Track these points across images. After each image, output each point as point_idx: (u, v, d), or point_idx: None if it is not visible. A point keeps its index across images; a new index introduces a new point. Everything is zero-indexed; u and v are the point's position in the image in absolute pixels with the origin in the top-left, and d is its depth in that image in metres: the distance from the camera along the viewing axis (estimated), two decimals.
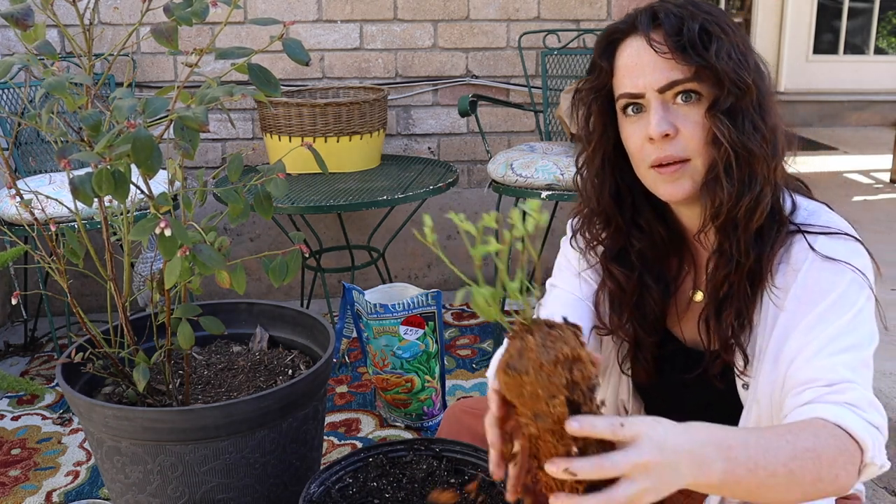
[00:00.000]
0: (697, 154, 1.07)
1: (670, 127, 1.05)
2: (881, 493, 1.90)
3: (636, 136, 1.10)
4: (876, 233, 3.37)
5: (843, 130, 6.34)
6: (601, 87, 1.14)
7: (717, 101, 1.04)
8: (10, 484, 2.00)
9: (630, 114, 1.10)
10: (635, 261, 1.19)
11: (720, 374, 1.16)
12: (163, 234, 1.21)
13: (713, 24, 1.05)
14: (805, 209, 1.12)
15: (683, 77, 1.04)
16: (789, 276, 1.07)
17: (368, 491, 1.25)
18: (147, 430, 1.42)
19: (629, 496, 0.77)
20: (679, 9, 1.07)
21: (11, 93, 2.78)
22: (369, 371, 2.30)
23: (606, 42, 1.12)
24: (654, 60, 1.05)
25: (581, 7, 3.16)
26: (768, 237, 1.08)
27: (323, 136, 2.68)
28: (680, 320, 1.23)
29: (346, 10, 3.05)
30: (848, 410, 0.95)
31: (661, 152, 1.07)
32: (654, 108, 1.06)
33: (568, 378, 0.77)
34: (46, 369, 2.65)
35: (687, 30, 1.04)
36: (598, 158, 1.18)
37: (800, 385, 1.01)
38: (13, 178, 1.49)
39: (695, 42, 1.03)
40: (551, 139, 3.11)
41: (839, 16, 6.97)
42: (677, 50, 1.04)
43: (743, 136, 1.04)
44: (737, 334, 1.11)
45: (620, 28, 1.11)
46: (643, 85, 1.07)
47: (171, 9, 1.27)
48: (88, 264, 1.53)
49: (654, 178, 1.10)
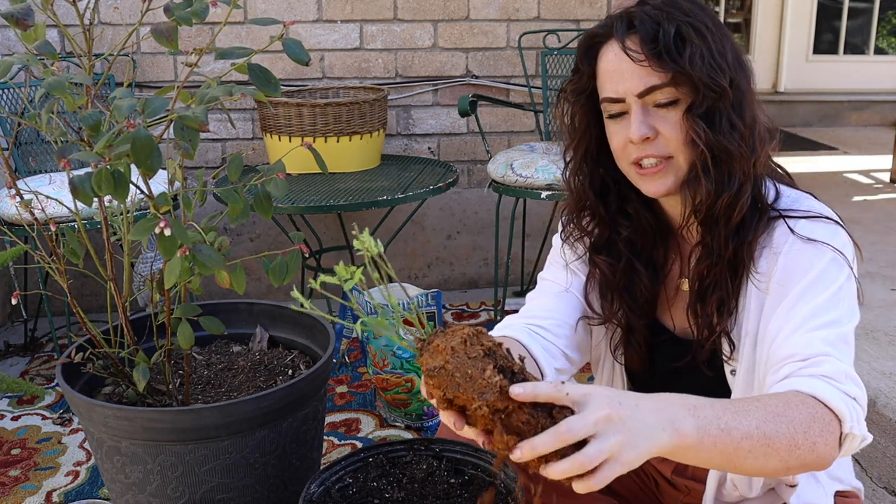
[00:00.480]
0: (678, 152, 1.09)
1: (650, 130, 1.09)
2: (881, 493, 1.90)
3: (618, 137, 1.13)
4: (876, 233, 3.37)
5: (843, 130, 6.34)
6: (584, 89, 1.17)
7: (694, 104, 1.07)
8: (10, 484, 2.00)
9: (613, 116, 1.13)
10: (623, 248, 1.22)
11: (708, 361, 1.18)
12: (162, 233, 1.21)
13: (689, 26, 1.06)
14: (787, 197, 1.14)
15: (661, 82, 1.07)
16: (771, 260, 1.10)
17: (368, 491, 1.25)
18: (147, 430, 1.42)
19: (602, 450, 0.77)
20: (656, 12, 1.08)
21: (11, 93, 2.78)
22: (369, 371, 2.30)
23: (587, 46, 1.15)
24: (631, 67, 1.07)
25: (581, 7, 3.16)
26: (749, 227, 1.11)
27: (323, 136, 2.68)
28: (669, 308, 1.25)
29: (346, 10, 3.05)
30: (823, 381, 0.96)
31: (642, 152, 1.10)
32: (634, 112, 1.09)
33: (482, 347, 0.80)
34: (46, 369, 2.65)
35: (662, 35, 1.06)
36: (582, 154, 1.21)
37: (778, 362, 1.03)
38: (13, 178, 1.49)
39: (669, 48, 1.05)
40: (551, 139, 3.11)
41: (839, 16, 6.97)
42: (653, 57, 1.06)
43: (720, 137, 1.06)
44: (721, 321, 1.14)
45: (599, 33, 1.13)
46: (623, 90, 1.09)
47: (171, 9, 1.27)
48: (88, 264, 1.53)
49: (635, 176, 1.14)
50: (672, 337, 1.25)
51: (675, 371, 1.22)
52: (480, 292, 3.31)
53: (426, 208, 3.22)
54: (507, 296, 3.04)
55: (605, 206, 1.21)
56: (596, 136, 1.19)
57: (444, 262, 3.36)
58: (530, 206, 3.23)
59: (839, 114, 6.59)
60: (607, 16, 1.15)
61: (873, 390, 1.98)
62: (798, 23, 6.81)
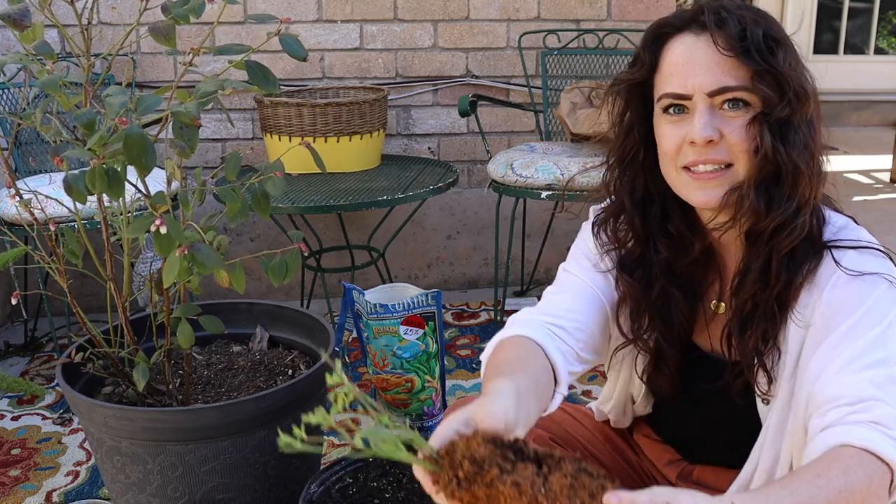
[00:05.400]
0: (740, 160, 1.02)
1: (716, 133, 1.00)
2: None
3: (674, 137, 1.04)
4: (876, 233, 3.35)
5: (843, 130, 6.34)
6: (640, 82, 1.09)
7: (772, 109, 0.99)
8: (10, 484, 2.00)
9: (671, 114, 1.05)
10: (659, 272, 1.12)
11: (741, 391, 1.11)
12: (158, 231, 1.20)
13: (777, 30, 1.01)
14: (834, 224, 1.07)
15: (736, 84, 0.99)
16: (814, 294, 1.02)
17: (368, 491, 1.25)
18: (147, 430, 1.41)
19: None
20: (740, 11, 1.01)
21: (11, 93, 2.78)
22: (369, 371, 2.30)
23: (655, 35, 1.06)
24: (707, 61, 1.00)
25: (581, 7, 3.16)
26: (803, 261, 1.03)
27: (323, 136, 2.68)
28: (706, 328, 1.17)
29: (346, 10, 3.05)
30: (874, 431, 0.90)
31: (700, 155, 1.02)
32: (700, 110, 1.01)
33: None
34: (46, 369, 2.64)
35: (751, 33, 0.99)
36: (626, 156, 1.13)
37: (824, 404, 0.96)
38: (13, 178, 1.49)
39: (760, 46, 0.99)
40: (551, 139, 3.11)
41: (839, 16, 6.97)
42: (741, 52, 0.99)
43: (792, 152, 0.99)
44: (760, 354, 1.06)
45: (673, 23, 1.05)
46: (692, 86, 1.01)
47: (168, 7, 1.27)
48: (88, 264, 1.53)
49: (685, 182, 1.04)
50: (704, 356, 1.17)
51: (704, 394, 1.16)
52: (480, 292, 3.31)
53: (426, 208, 3.21)
54: (507, 296, 3.04)
55: (643, 220, 1.12)
56: (643, 137, 1.10)
57: (444, 262, 3.36)
58: (530, 206, 3.23)
59: (839, 114, 6.58)
60: (679, 8, 1.07)
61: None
62: (798, 23, 6.81)
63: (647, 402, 1.29)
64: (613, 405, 1.32)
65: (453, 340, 2.84)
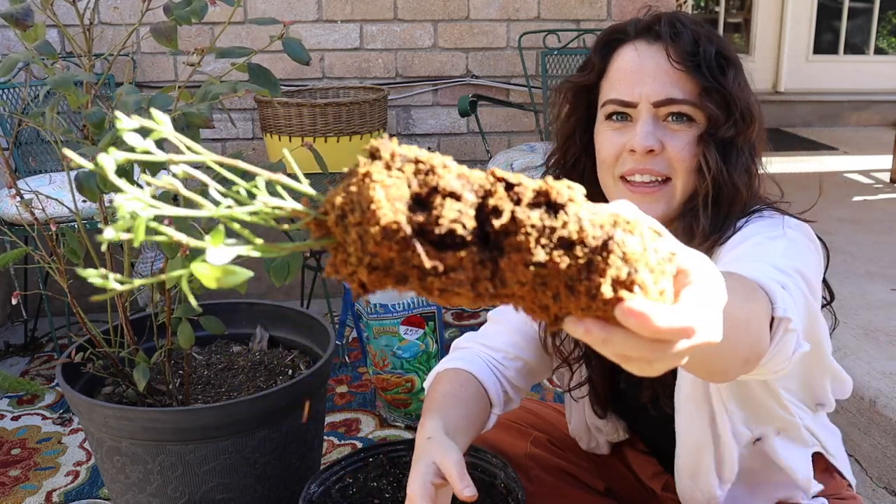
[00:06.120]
0: (679, 176, 1.00)
1: (657, 143, 0.99)
2: (881, 492, 1.90)
3: (614, 144, 1.02)
4: (876, 233, 3.37)
5: (843, 130, 6.34)
6: (587, 86, 1.08)
7: (717, 129, 0.98)
8: (10, 484, 2.00)
9: (614, 120, 1.03)
10: None
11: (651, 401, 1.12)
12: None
13: (729, 51, 1.01)
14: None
15: (683, 97, 0.98)
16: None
17: (368, 491, 1.25)
18: (147, 430, 1.41)
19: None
20: (695, 27, 1.01)
21: (11, 93, 2.78)
22: (369, 371, 2.30)
23: (607, 39, 1.06)
24: (657, 71, 0.99)
25: (581, 7, 3.16)
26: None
27: (323, 136, 2.68)
28: None
29: (346, 10, 3.05)
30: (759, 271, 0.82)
31: (638, 164, 1.00)
32: (643, 119, 0.99)
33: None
34: (46, 369, 2.64)
35: (704, 49, 0.98)
36: (571, 163, 1.12)
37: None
38: (13, 178, 1.49)
39: (711, 63, 0.98)
40: (551, 139, 3.11)
41: (839, 16, 6.97)
42: (692, 66, 0.98)
43: (734, 173, 0.98)
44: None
45: (628, 30, 1.04)
46: (639, 94, 1.00)
47: (170, 8, 1.27)
48: (88, 264, 1.53)
49: (622, 193, 1.01)
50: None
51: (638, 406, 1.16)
52: None
53: None
54: None
55: None
56: (584, 145, 1.09)
57: None
58: None
59: (839, 114, 6.58)
60: (636, 16, 1.05)
61: (873, 390, 1.98)
62: (798, 23, 6.81)
63: (616, 427, 1.26)
64: (579, 435, 1.31)
65: (453, 340, 2.85)
